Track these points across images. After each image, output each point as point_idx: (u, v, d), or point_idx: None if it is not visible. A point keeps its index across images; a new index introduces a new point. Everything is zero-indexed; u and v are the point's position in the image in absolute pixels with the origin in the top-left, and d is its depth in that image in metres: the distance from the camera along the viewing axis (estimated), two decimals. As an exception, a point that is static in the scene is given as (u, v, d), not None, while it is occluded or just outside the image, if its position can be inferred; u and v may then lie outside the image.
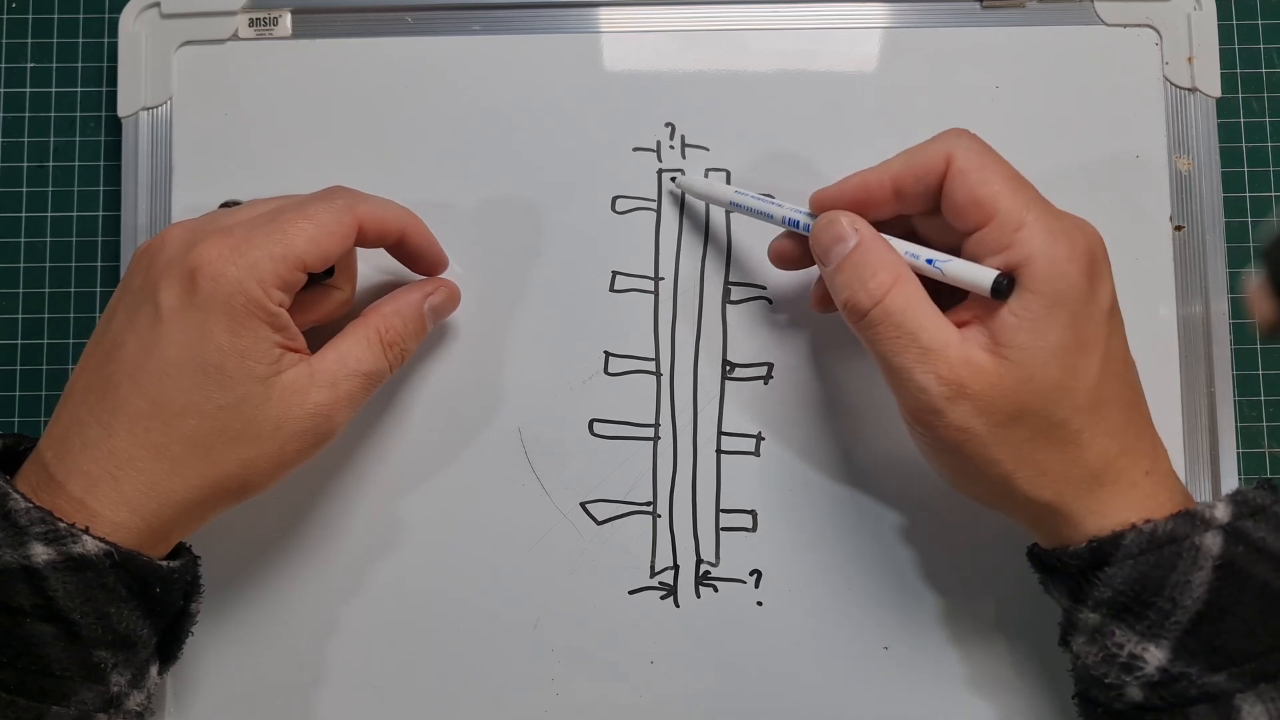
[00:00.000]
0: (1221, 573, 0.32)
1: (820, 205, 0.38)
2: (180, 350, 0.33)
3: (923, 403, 0.33)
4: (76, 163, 0.47)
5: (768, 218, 0.40)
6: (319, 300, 0.39)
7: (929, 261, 0.35)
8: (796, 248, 0.40)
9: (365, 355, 0.37)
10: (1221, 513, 0.33)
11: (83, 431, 0.33)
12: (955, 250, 0.35)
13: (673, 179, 0.44)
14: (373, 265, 0.43)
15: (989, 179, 0.34)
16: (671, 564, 0.43)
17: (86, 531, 0.32)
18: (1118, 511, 0.34)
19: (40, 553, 0.31)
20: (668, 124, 0.44)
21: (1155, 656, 0.32)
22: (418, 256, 0.41)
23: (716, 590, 0.43)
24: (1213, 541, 0.32)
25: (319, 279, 0.38)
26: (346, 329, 0.38)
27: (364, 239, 0.38)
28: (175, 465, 0.34)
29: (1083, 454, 0.34)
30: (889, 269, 0.34)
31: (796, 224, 0.39)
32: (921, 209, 0.37)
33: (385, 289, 0.42)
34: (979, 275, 0.34)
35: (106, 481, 0.33)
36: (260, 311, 0.34)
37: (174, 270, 0.34)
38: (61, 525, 0.32)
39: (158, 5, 0.44)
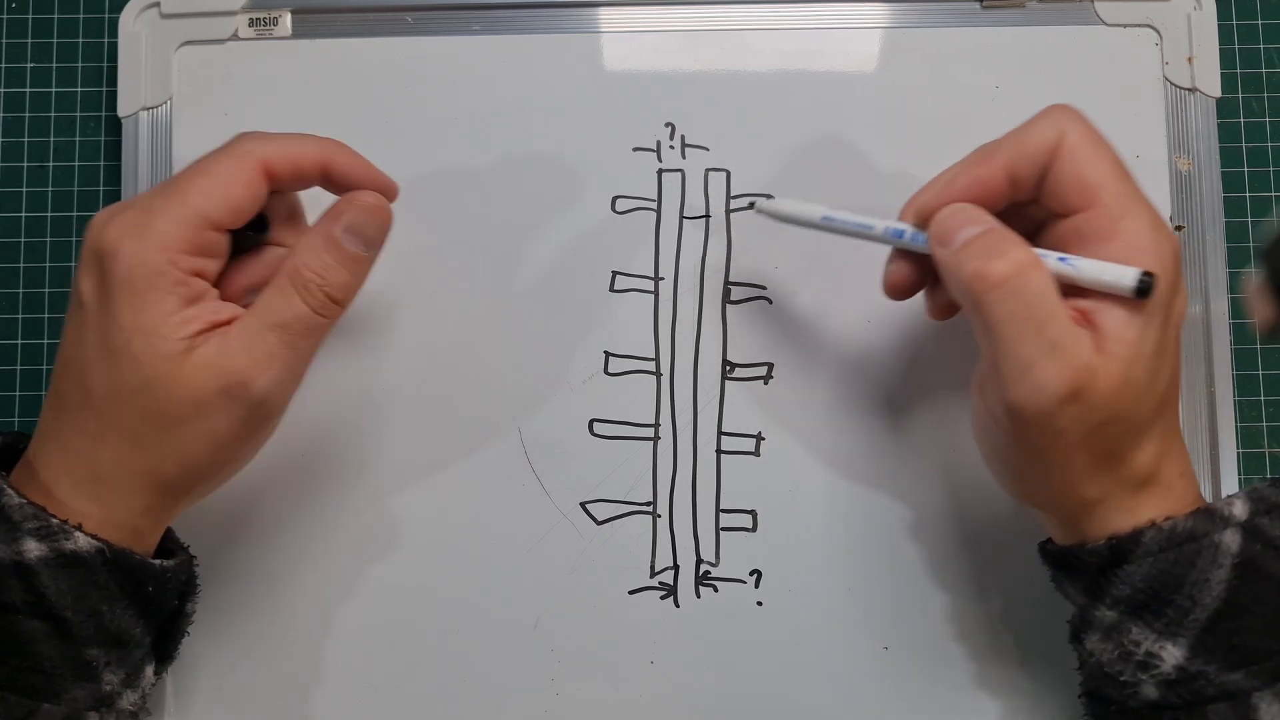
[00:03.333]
0: (1240, 570, 0.32)
1: (922, 211, 0.35)
2: (95, 336, 0.32)
3: (1034, 401, 0.31)
4: (76, 163, 0.47)
5: (866, 230, 0.36)
6: (261, 260, 0.36)
7: (1060, 259, 0.32)
8: (914, 271, 0.36)
9: (278, 303, 0.33)
10: (1240, 510, 0.33)
11: (46, 429, 0.34)
12: (1032, 237, 0.34)
13: (750, 204, 0.43)
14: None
15: (1098, 161, 0.33)
16: (671, 564, 0.43)
17: (79, 528, 0.32)
18: (1147, 511, 0.33)
19: (33, 548, 0.31)
20: (668, 124, 0.44)
21: (1173, 654, 0.32)
22: (353, 187, 0.36)
23: (716, 590, 0.43)
24: (1232, 539, 0.32)
25: (253, 236, 0.36)
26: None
27: (279, 181, 0.34)
28: (116, 455, 0.33)
29: (1141, 457, 0.33)
30: (1027, 250, 0.32)
31: (901, 234, 0.35)
32: (1031, 195, 0.34)
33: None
34: (1119, 274, 0.31)
35: (71, 477, 0.33)
36: (164, 282, 0.32)
37: (88, 258, 0.33)
38: (54, 521, 0.32)
39: (158, 5, 0.44)
